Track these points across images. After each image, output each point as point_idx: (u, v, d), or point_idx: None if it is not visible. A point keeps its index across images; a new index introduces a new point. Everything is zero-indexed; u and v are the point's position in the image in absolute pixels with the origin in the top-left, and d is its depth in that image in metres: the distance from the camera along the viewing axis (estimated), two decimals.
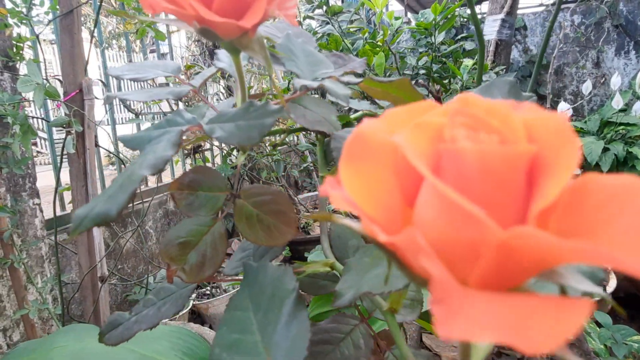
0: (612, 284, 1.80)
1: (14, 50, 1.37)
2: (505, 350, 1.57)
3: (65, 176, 1.49)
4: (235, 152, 2.40)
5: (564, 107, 2.51)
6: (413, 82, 2.25)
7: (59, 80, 1.35)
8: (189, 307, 2.01)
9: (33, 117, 1.32)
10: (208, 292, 2.19)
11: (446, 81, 2.04)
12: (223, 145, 2.28)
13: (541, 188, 0.13)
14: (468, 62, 1.93)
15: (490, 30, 2.96)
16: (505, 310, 0.11)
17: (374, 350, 0.35)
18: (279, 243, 0.32)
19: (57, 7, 1.22)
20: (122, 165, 2.09)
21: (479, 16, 3.40)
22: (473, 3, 0.65)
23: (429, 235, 0.14)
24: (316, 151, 0.45)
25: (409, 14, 4.52)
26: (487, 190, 0.14)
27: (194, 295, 2.13)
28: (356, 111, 0.46)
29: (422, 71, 2.01)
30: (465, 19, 2.47)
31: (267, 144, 2.33)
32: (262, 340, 0.24)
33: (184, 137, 0.31)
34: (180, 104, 2.08)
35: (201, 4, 0.27)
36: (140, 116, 1.91)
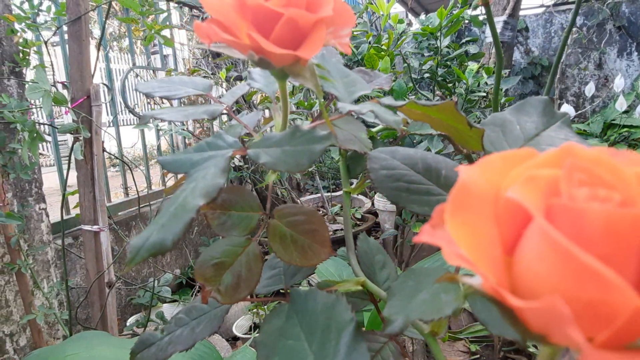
0: None
1: (21, 55, 1.37)
2: (512, 356, 1.57)
3: (69, 178, 1.48)
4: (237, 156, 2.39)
5: (568, 110, 2.51)
6: (417, 86, 2.25)
7: (63, 85, 1.35)
8: None
9: (40, 124, 1.32)
10: None
11: (451, 85, 2.04)
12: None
13: None
14: (473, 65, 1.93)
15: None
16: None
17: None
18: (314, 263, 0.32)
19: (64, 13, 1.22)
20: (126, 167, 2.08)
21: (480, 17, 3.40)
22: (490, 8, 0.65)
23: (545, 292, 0.14)
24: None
25: (410, 16, 4.52)
26: (608, 251, 0.14)
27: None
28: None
29: (426, 75, 2.01)
30: (467, 21, 2.47)
31: None
32: None
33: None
34: (179, 105, 2.07)
35: (260, 35, 0.27)
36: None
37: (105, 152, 1.50)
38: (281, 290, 0.36)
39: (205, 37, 0.27)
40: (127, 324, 1.81)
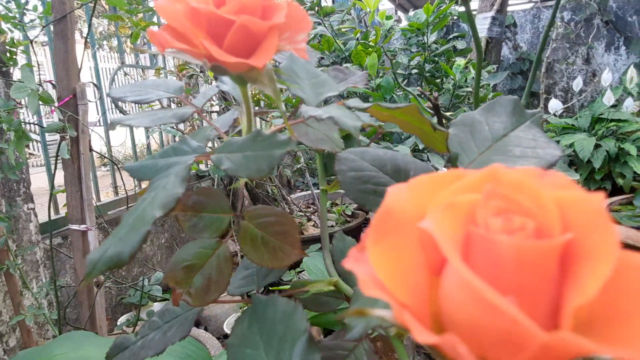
0: None
1: (7, 55, 1.36)
2: None
3: (58, 178, 1.48)
4: None
5: (556, 105, 2.53)
6: (405, 82, 2.25)
7: (51, 84, 1.34)
8: None
9: (27, 123, 1.31)
10: None
11: (438, 80, 2.05)
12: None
13: (578, 281, 0.13)
14: (460, 61, 1.94)
15: (481, 28, 2.98)
16: None
17: None
18: (284, 265, 0.32)
19: (51, 12, 1.22)
20: (115, 167, 2.08)
21: None
22: (469, 8, 0.65)
23: (461, 323, 0.14)
24: (309, 151, 0.45)
25: (400, 13, 4.53)
26: (520, 281, 0.14)
27: None
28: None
29: (414, 71, 2.02)
30: (456, 17, 2.48)
31: None
32: None
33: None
34: (173, 105, 2.07)
35: (213, 43, 0.27)
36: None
37: (94, 152, 1.50)
38: (251, 292, 0.37)
39: (157, 44, 0.27)
40: (118, 323, 1.81)
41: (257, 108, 2.04)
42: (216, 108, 2.45)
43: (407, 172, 0.31)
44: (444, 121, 0.63)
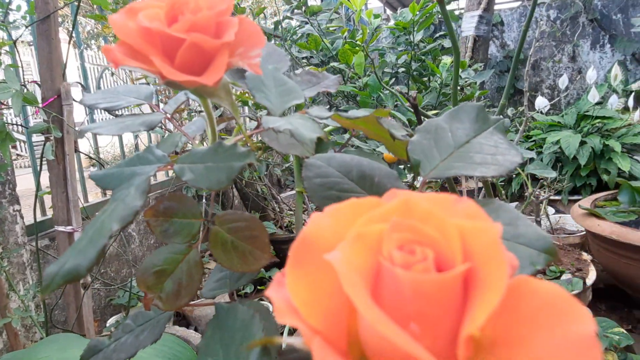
0: (591, 276, 1.84)
1: None
2: None
3: (45, 179, 1.47)
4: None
5: (542, 102, 2.55)
6: (393, 80, 2.26)
7: (36, 84, 1.34)
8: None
9: (12, 124, 1.31)
10: None
11: (426, 79, 2.06)
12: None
13: (472, 309, 0.14)
14: (447, 59, 1.95)
15: (468, 27, 3.00)
16: None
17: None
18: (254, 269, 0.33)
19: (34, 11, 1.21)
20: (102, 168, 2.07)
21: (457, 12, 3.42)
22: (445, 5, 0.66)
23: (373, 352, 0.15)
24: None
25: (388, 12, 4.54)
26: (421, 310, 0.15)
27: None
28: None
29: (401, 69, 2.03)
30: (442, 16, 2.50)
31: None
32: None
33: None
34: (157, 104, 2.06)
35: (164, 61, 0.28)
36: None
37: (81, 152, 1.49)
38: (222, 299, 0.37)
39: (112, 61, 0.27)
40: (107, 324, 1.80)
41: (245, 108, 2.04)
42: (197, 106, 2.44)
43: (372, 177, 0.32)
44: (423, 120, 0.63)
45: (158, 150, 0.31)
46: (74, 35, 1.35)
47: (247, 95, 1.98)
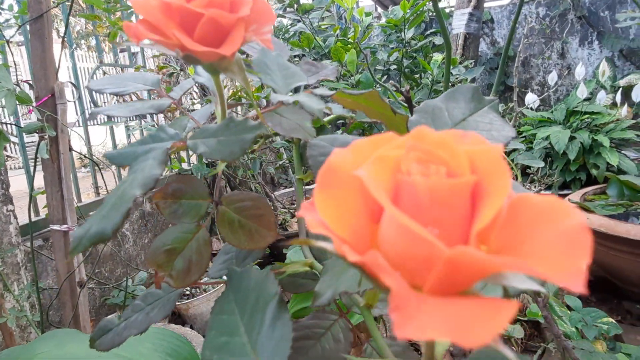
0: None
1: None
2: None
3: (37, 180, 1.47)
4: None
5: (532, 99, 2.58)
6: (385, 77, 2.28)
7: (28, 84, 1.33)
8: None
9: (4, 124, 1.30)
10: (188, 292, 2.19)
11: (417, 76, 2.08)
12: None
13: (480, 211, 0.16)
14: (438, 56, 1.97)
15: (459, 24, 3.02)
16: (449, 314, 0.14)
17: (354, 343, 0.38)
18: (261, 246, 0.34)
19: (27, 11, 1.21)
20: (96, 168, 2.07)
21: (447, 10, 3.45)
22: (437, 2, 0.68)
23: (392, 251, 0.17)
24: (291, 147, 0.47)
25: (380, 9, 4.56)
26: (437, 214, 0.17)
27: None
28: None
29: (393, 67, 2.04)
30: (434, 14, 2.52)
31: (249, 152, 2.34)
32: (250, 341, 0.26)
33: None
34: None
35: (184, 34, 0.29)
36: (113, 118, 1.90)
37: (75, 152, 1.49)
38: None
39: (133, 36, 0.29)
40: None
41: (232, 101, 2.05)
42: (198, 106, 2.45)
43: None
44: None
45: (170, 129, 0.32)
46: (65, 36, 1.35)
47: (240, 93, 1.98)
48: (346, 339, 0.35)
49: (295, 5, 2.02)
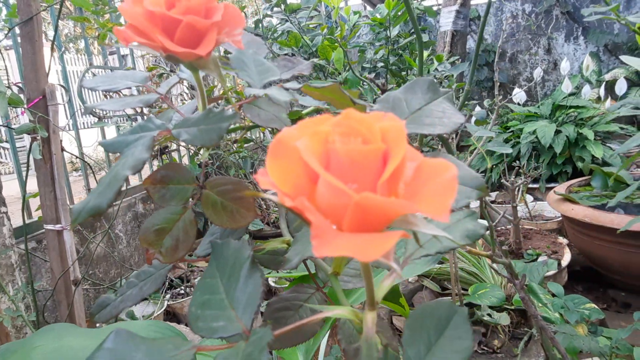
0: (566, 258, 1.92)
1: None
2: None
3: (29, 185, 1.49)
4: (201, 152, 2.43)
5: (522, 96, 2.62)
6: (373, 75, 2.30)
7: (18, 86, 1.36)
8: (164, 308, 2.03)
9: None
10: (182, 291, 2.22)
11: (404, 73, 2.11)
12: (189, 145, 2.30)
13: (385, 169, 0.22)
14: (424, 53, 2.01)
15: (446, 22, 3.07)
16: (354, 241, 0.20)
17: None
18: (241, 225, 0.37)
19: (16, 14, 1.23)
20: (88, 170, 2.09)
21: (435, 7, 3.48)
22: (410, 8, 0.71)
23: (324, 202, 0.22)
24: None
25: (368, 8, 4.60)
26: (355, 174, 0.22)
27: (168, 296, 2.15)
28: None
29: (380, 64, 2.08)
30: (421, 11, 2.56)
31: (232, 143, 2.36)
32: (227, 297, 0.30)
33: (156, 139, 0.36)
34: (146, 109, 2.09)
35: (166, 37, 0.34)
36: (104, 119, 1.92)
37: (66, 154, 1.51)
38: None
39: (122, 39, 0.33)
40: (97, 325, 1.82)
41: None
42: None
43: None
44: None
45: (157, 120, 0.36)
46: (54, 39, 1.37)
47: (230, 93, 2.00)
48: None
49: (282, 6, 2.05)
